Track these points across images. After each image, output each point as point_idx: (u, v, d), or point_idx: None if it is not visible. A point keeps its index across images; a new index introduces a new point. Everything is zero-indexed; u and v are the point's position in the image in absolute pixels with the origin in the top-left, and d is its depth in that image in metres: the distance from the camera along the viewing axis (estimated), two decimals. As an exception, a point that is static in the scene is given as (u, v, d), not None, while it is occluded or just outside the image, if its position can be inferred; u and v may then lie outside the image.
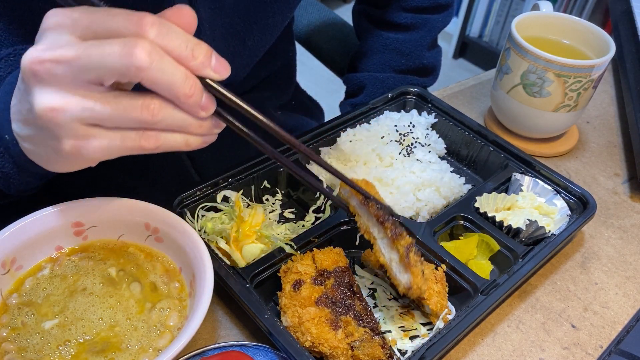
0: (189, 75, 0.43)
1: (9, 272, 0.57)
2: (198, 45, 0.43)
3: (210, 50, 0.44)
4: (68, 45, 0.41)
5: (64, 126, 0.43)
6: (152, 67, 0.41)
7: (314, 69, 1.39)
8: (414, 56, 0.97)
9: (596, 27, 0.86)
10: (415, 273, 0.54)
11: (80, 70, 0.41)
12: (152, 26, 0.41)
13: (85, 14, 0.42)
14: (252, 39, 0.77)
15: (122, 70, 0.41)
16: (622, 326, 0.66)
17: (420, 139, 0.83)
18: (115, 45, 0.40)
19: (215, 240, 0.67)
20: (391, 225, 0.56)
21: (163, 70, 0.41)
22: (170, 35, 0.42)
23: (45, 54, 0.41)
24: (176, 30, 0.42)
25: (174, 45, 0.42)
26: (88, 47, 0.41)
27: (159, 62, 0.41)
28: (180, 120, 0.45)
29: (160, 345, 0.54)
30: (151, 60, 0.40)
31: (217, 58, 0.44)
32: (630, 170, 0.89)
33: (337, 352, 0.55)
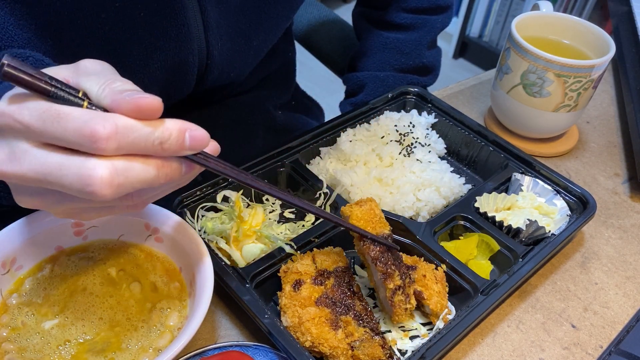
0: (161, 166, 0.41)
1: (9, 272, 0.57)
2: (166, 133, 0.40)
3: (181, 135, 0.40)
4: (27, 160, 0.39)
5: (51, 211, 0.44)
6: (118, 193, 0.39)
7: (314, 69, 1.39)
8: (413, 55, 0.97)
9: (596, 27, 0.86)
10: (397, 313, 0.58)
11: (47, 185, 0.40)
12: (108, 141, 0.37)
13: (35, 120, 0.38)
14: (257, 38, 0.78)
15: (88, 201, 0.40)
16: (622, 326, 0.66)
17: (420, 139, 0.83)
18: (72, 177, 0.38)
19: (215, 240, 0.67)
20: (382, 267, 0.57)
21: (130, 185, 0.39)
22: (132, 140, 0.39)
23: (6, 169, 0.40)
24: (137, 130, 0.39)
25: (139, 148, 0.39)
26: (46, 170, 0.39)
27: (124, 184, 0.39)
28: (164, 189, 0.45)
29: (160, 345, 0.54)
30: (115, 189, 0.38)
31: (191, 135, 0.41)
32: (630, 170, 0.89)
33: (337, 352, 0.55)
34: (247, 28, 0.75)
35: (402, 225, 0.68)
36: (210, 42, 0.70)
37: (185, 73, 0.71)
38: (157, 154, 0.40)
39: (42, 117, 0.38)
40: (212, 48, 0.71)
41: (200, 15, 0.67)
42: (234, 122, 0.90)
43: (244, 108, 0.91)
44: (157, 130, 0.39)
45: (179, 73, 0.70)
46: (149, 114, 0.39)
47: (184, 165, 0.43)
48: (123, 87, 0.40)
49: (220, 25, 0.70)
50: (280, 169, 0.76)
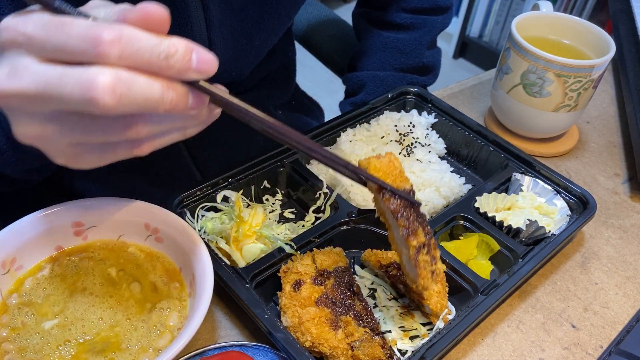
0: (166, 87, 0.38)
1: (9, 272, 0.57)
2: (172, 48, 0.38)
3: (188, 52, 0.38)
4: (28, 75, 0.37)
5: (51, 149, 0.42)
6: (119, 105, 0.36)
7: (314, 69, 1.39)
8: (413, 55, 0.98)
9: (596, 27, 0.86)
10: (422, 275, 0.52)
11: (46, 103, 0.38)
12: (111, 45, 0.36)
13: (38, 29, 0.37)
14: (259, 38, 0.78)
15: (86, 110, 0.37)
16: (622, 326, 0.66)
17: (420, 139, 0.83)
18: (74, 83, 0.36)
19: (215, 240, 0.67)
20: (405, 221, 0.51)
21: (134, 101, 0.37)
22: (136, 49, 0.37)
23: (6, 86, 0.38)
24: (142, 40, 0.37)
25: (144, 60, 0.37)
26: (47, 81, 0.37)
27: (127, 95, 0.36)
28: (169, 125, 0.42)
29: (160, 345, 0.54)
30: (116, 99, 0.36)
31: (198, 56, 0.39)
32: (630, 170, 0.89)
33: (337, 352, 0.55)
34: (250, 27, 0.75)
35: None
36: (213, 40, 0.70)
37: None
38: (161, 71, 0.38)
39: (45, 26, 0.37)
40: (214, 47, 0.71)
41: (203, 13, 0.67)
42: (234, 122, 0.89)
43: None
44: (163, 43, 0.37)
45: None
46: (156, 24, 0.38)
47: (191, 95, 0.40)
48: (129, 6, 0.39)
49: (223, 24, 0.70)
50: (280, 169, 0.76)
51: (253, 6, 0.73)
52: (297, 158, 0.77)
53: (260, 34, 0.77)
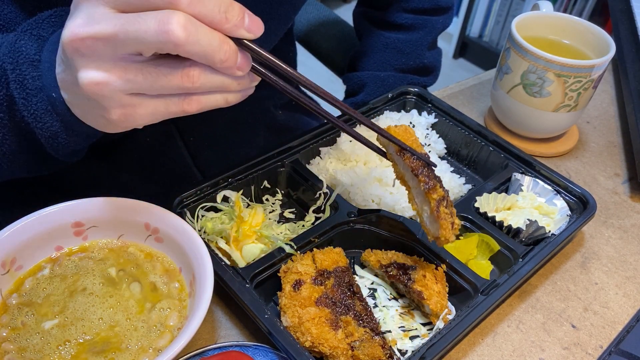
0: (223, 40, 0.44)
1: (9, 272, 0.57)
2: (231, 6, 0.44)
3: (243, 11, 0.45)
4: (104, 20, 0.42)
5: (109, 98, 0.45)
6: (188, 42, 0.41)
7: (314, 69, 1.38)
8: (414, 55, 0.98)
9: (596, 27, 0.86)
10: (443, 226, 0.56)
11: (119, 45, 0.42)
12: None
13: None
14: (258, 40, 0.77)
15: (159, 46, 0.42)
16: (622, 326, 0.66)
17: (420, 139, 0.83)
18: (150, 21, 0.41)
19: (215, 240, 0.67)
20: (424, 177, 0.57)
21: (199, 41, 0.42)
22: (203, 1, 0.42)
23: (83, 31, 0.42)
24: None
25: (207, 10, 0.42)
26: (124, 23, 0.41)
27: (195, 34, 0.42)
28: (219, 82, 0.46)
29: (160, 345, 0.54)
30: (187, 35, 0.41)
31: (250, 17, 0.45)
32: (630, 170, 0.89)
33: (337, 352, 0.55)
34: None
35: (402, 225, 0.68)
36: None
37: None
38: (219, 24, 0.43)
39: None
40: None
41: None
42: (235, 122, 0.90)
43: (245, 108, 0.91)
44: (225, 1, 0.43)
45: None
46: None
47: (240, 54, 0.46)
48: None
49: None
50: (281, 169, 0.76)
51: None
52: (297, 158, 0.77)
53: (260, 36, 0.77)
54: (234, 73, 0.46)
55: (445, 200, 0.57)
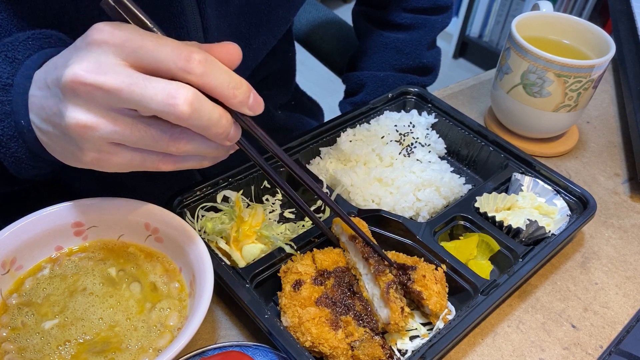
0: (222, 114, 0.44)
1: (9, 272, 0.57)
2: (240, 84, 0.45)
3: (249, 89, 0.46)
4: (113, 73, 0.41)
5: (90, 141, 0.44)
6: (191, 117, 0.42)
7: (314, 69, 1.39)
8: (413, 55, 0.98)
9: (596, 27, 0.86)
10: (393, 309, 0.57)
11: (119, 100, 0.42)
12: (199, 64, 0.42)
13: (134, 36, 0.42)
14: (257, 41, 0.78)
15: (161, 114, 0.42)
16: (622, 326, 0.66)
17: (420, 139, 0.83)
18: (159, 89, 0.41)
19: (215, 240, 0.67)
20: (375, 262, 0.59)
21: (200, 117, 0.43)
22: (215, 74, 0.43)
23: (89, 77, 0.41)
24: (221, 68, 0.44)
25: (217, 84, 0.43)
26: (132, 82, 0.41)
27: (198, 111, 0.42)
28: (202, 149, 0.47)
29: (160, 345, 0.54)
30: (192, 111, 0.42)
31: (254, 96, 0.46)
32: (630, 170, 0.89)
33: (337, 352, 0.55)
34: (247, 31, 0.75)
35: (402, 226, 0.68)
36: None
37: None
38: (226, 99, 0.44)
39: (141, 34, 0.42)
40: None
41: (200, 18, 0.67)
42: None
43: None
44: (233, 75, 0.44)
45: None
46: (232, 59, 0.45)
47: (233, 127, 0.46)
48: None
49: (220, 28, 0.70)
50: (281, 169, 0.76)
51: (250, 9, 0.73)
52: (297, 158, 0.77)
53: (258, 36, 0.77)
54: (223, 143, 0.47)
55: (395, 285, 0.59)
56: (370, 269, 0.60)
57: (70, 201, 0.60)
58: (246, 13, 0.73)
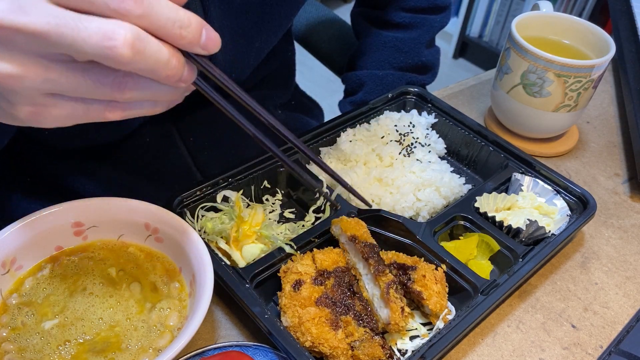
0: (172, 55, 0.39)
1: (9, 272, 0.57)
2: (188, 21, 0.39)
3: (199, 27, 0.40)
4: (37, 12, 0.35)
5: (20, 94, 0.39)
6: (133, 60, 0.37)
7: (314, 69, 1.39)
8: (412, 53, 0.98)
9: (596, 27, 0.86)
10: (393, 309, 0.57)
11: (48, 45, 0.36)
12: (136, 3, 0.36)
13: None
14: (259, 40, 0.78)
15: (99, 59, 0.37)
16: (622, 326, 0.66)
17: (420, 139, 0.83)
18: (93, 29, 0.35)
19: (215, 240, 0.67)
20: (374, 262, 0.59)
21: (145, 60, 0.38)
22: (157, 12, 0.37)
23: (7, 19, 0.35)
24: (164, 5, 0.38)
25: (161, 23, 0.38)
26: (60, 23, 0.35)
27: (142, 53, 0.37)
28: (151, 93, 0.42)
29: (160, 345, 0.54)
30: (134, 54, 0.37)
31: (207, 33, 0.40)
32: (630, 170, 0.89)
33: (337, 352, 0.55)
34: (250, 29, 0.75)
35: (402, 226, 0.68)
36: None
37: None
38: (172, 39, 0.39)
39: None
40: None
41: (204, 16, 0.67)
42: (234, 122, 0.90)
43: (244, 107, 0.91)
44: (179, 12, 0.39)
45: None
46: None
47: (186, 67, 0.41)
48: None
49: (223, 27, 0.70)
50: (280, 169, 0.76)
51: (253, 8, 0.73)
52: (297, 158, 0.77)
53: (260, 35, 0.77)
54: (176, 85, 0.42)
55: (395, 285, 0.58)
56: (370, 269, 0.59)
57: (70, 201, 0.60)
58: (249, 12, 0.73)
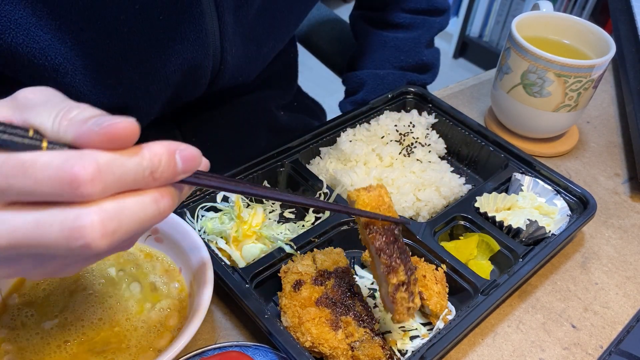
0: (159, 198, 0.35)
1: (8, 272, 0.57)
2: (156, 161, 0.34)
3: (171, 158, 0.35)
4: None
5: None
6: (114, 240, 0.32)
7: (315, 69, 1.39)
8: (412, 53, 0.98)
9: (596, 27, 0.86)
10: (398, 311, 0.53)
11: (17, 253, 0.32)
12: (92, 184, 0.31)
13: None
14: (268, 45, 0.78)
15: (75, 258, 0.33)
16: (623, 326, 0.66)
17: (420, 139, 0.83)
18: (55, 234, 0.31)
19: (215, 240, 0.67)
20: (387, 259, 0.52)
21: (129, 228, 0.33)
22: (119, 177, 0.32)
23: None
24: (124, 163, 0.32)
25: (129, 181, 0.33)
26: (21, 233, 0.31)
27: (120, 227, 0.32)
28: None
29: (160, 345, 0.54)
30: (110, 235, 0.32)
31: (181, 157, 0.35)
32: (630, 170, 0.89)
33: (337, 352, 0.55)
34: (261, 35, 0.76)
35: (402, 226, 0.68)
36: (225, 47, 0.71)
37: (199, 77, 0.72)
38: (149, 186, 0.34)
39: (1, 172, 0.31)
40: (226, 53, 0.71)
41: (218, 21, 0.67)
42: (237, 123, 0.90)
43: (247, 108, 0.91)
44: (144, 158, 0.33)
45: (193, 76, 0.71)
46: (126, 141, 0.33)
47: (177, 188, 0.37)
48: (84, 114, 0.33)
49: (236, 33, 0.71)
50: (280, 169, 0.76)
51: (265, 15, 0.74)
52: (297, 158, 0.77)
53: (270, 40, 0.78)
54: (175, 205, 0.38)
55: (405, 285, 0.52)
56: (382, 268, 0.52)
57: (70, 201, 0.60)
58: (263, 18, 0.74)
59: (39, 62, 0.57)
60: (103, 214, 0.31)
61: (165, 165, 0.34)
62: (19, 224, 0.31)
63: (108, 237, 0.32)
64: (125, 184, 0.33)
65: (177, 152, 0.35)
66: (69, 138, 0.33)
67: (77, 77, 0.61)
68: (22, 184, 0.31)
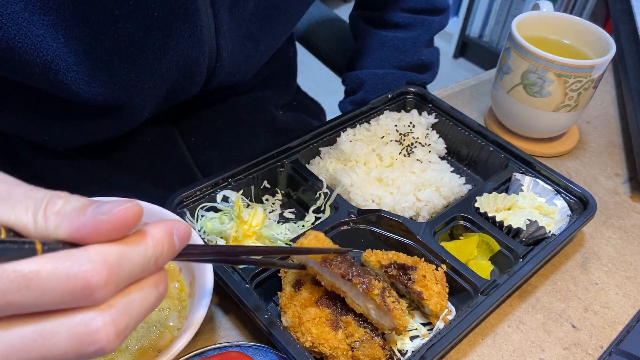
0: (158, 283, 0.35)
1: (8, 272, 0.57)
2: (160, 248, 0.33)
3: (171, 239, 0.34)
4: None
5: None
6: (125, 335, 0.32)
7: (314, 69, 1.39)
8: (412, 52, 0.98)
9: (596, 27, 0.86)
10: (397, 316, 0.54)
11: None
12: (106, 286, 0.29)
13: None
14: (264, 43, 0.78)
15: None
16: (623, 326, 0.66)
17: (421, 139, 0.83)
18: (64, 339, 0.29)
19: (215, 240, 0.67)
20: (358, 279, 0.54)
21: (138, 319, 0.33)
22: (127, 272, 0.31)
23: None
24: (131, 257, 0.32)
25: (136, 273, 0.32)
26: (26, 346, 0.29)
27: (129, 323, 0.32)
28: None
29: (160, 345, 0.54)
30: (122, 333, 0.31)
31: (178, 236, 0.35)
32: (630, 170, 0.89)
33: (337, 352, 0.55)
34: (257, 33, 0.75)
35: (402, 226, 0.68)
36: (221, 44, 0.70)
37: (194, 74, 0.71)
38: (152, 272, 0.34)
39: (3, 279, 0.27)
40: (222, 50, 0.71)
41: (213, 18, 0.67)
42: (236, 122, 0.90)
43: (246, 108, 0.91)
44: (148, 247, 0.33)
45: (189, 74, 0.71)
46: (133, 227, 0.32)
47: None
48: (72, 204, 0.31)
49: (231, 30, 0.71)
50: (280, 169, 0.76)
51: (262, 13, 0.74)
52: (297, 158, 0.77)
53: (267, 38, 0.78)
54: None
55: (386, 290, 0.54)
56: (358, 288, 0.55)
57: (70, 201, 0.60)
58: (258, 16, 0.73)
59: (31, 58, 0.56)
60: (114, 314, 0.31)
61: (167, 251, 0.34)
62: (23, 335, 0.29)
63: (121, 335, 0.31)
64: (133, 277, 0.32)
65: (174, 232, 0.35)
66: (63, 234, 0.30)
67: (69, 74, 0.59)
68: (23, 299, 0.28)
